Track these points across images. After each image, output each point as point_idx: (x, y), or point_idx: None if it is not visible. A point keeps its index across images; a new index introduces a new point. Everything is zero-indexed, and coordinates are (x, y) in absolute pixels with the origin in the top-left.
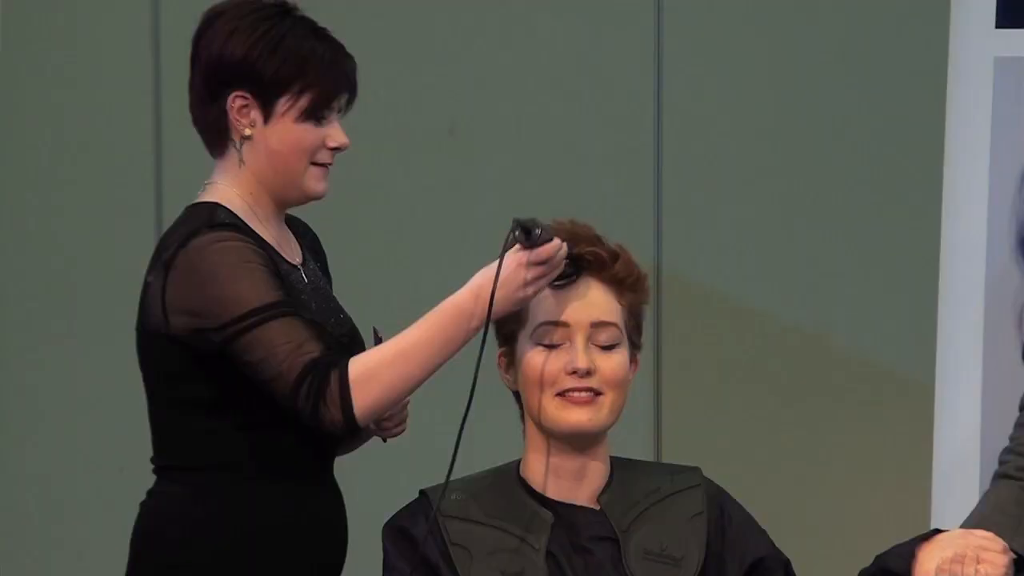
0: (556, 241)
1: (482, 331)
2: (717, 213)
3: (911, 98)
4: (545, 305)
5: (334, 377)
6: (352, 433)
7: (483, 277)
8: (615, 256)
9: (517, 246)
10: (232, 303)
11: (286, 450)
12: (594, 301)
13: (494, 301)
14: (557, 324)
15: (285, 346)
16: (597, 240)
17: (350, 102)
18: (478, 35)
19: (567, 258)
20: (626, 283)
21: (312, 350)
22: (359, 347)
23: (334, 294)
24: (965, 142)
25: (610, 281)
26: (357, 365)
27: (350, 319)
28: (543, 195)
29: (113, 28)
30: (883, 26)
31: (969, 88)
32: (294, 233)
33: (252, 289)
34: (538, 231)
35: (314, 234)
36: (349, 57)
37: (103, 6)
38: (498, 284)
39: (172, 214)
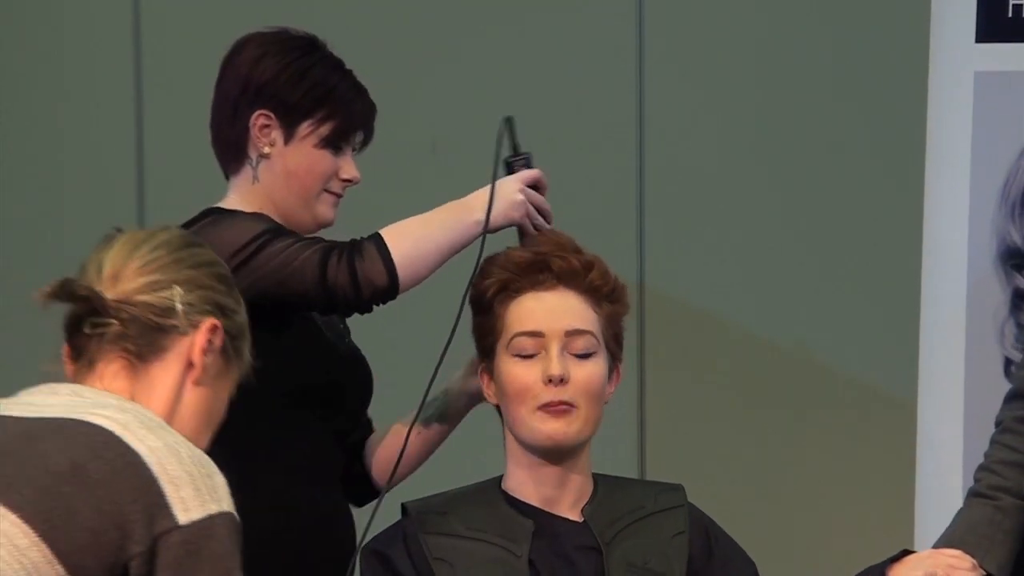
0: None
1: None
2: (700, 227)
3: (892, 112)
4: (519, 316)
5: (365, 239)
6: (393, 286)
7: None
8: (590, 266)
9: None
10: (233, 239)
11: (298, 448)
12: (569, 310)
13: (492, 201)
14: (532, 334)
15: (297, 244)
16: (574, 250)
17: (364, 143)
18: (459, 51)
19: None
20: (602, 292)
21: (326, 241)
22: (364, 367)
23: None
24: (945, 157)
25: (586, 291)
26: (386, 229)
27: (358, 353)
28: None
29: (94, 38)
30: (863, 41)
31: (950, 103)
32: None
33: (249, 225)
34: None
35: None
36: (370, 101)
37: (84, 19)
38: (495, 189)
39: (155, 219)
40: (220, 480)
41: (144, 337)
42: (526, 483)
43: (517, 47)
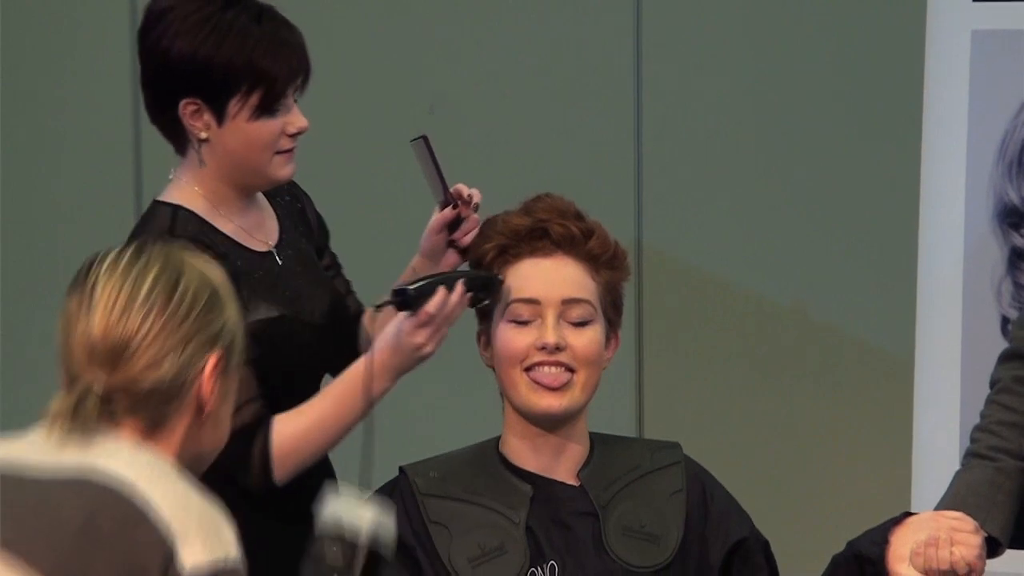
0: (439, 294)
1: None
2: (697, 190)
3: (889, 72)
4: (517, 282)
5: (258, 450)
6: (267, 489)
7: (378, 347)
8: (589, 232)
9: (404, 313)
10: None
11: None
12: (566, 278)
13: (394, 366)
14: (528, 301)
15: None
16: (574, 216)
17: (305, 81)
18: (458, 13)
19: (472, 290)
20: (601, 259)
21: (244, 414)
22: (340, 322)
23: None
24: (943, 116)
25: (585, 258)
26: (280, 440)
27: (331, 289)
28: (523, 173)
29: (91, 24)
30: (861, 0)
31: (946, 62)
32: (273, 204)
33: None
34: (411, 291)
35: (293, 194)
36: (296, 37)
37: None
38: (396, 352)
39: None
40: (228, 530)
41: (155, 408)
42: (523, 450)
43: (516, 10)
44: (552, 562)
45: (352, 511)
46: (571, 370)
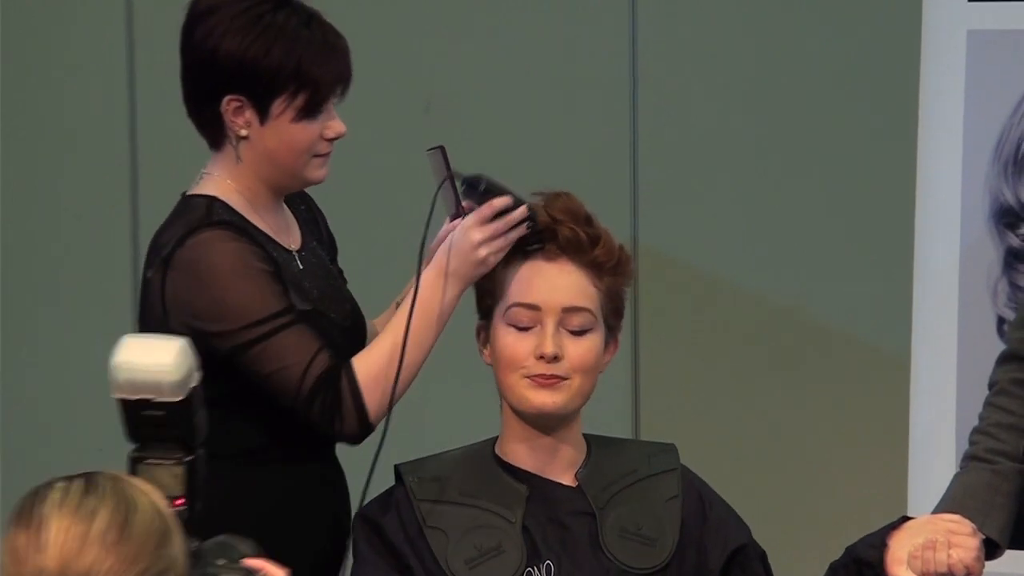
0: (506, 198)
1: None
2: (693, 188)
3: (884, 71)
4: (519, 286)
5: (346, 390)
6: (363, 437)
7: (442, 251)
8: (596, 239)
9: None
10: (236, 312)
11: (291, 434)
12: (568, 285)
13: (451, 271)
14: (528, 307)
15: (294, 358)
16: (585, 221)
17: (346, 88)
18: (454, 11)
19: (531, 222)
20: (605, 267)
21: (321, 363)
22: (360, 330)
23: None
24: (938, 115)
25: (588, 265)
26: (363, 372)
27: (350, 295)
28: (519, 171)
29: (87, 21)
30: (856, 0)
31: (942, 62)
32: (294, 211)
33: (255, 297)
34: (483, 185)
35: (307, 201)
36: (342, 43)
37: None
38: (452, 254)
39: (148, 208)
40: None
41: None
42: (520, 451)
43: (512, 8)
44: (548, 561)
45: (146, 359)
46: (567, 378)
